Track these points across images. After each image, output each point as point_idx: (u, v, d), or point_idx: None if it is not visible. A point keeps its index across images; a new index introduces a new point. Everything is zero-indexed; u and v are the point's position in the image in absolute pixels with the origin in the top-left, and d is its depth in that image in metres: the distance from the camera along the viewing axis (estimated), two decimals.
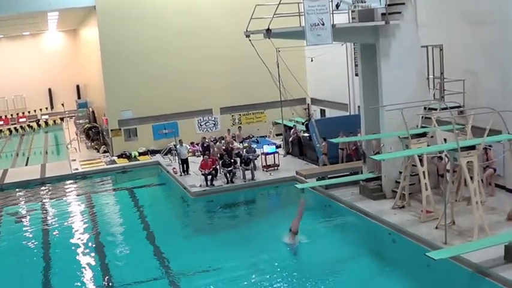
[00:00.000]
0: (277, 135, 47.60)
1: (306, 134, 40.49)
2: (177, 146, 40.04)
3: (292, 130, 42.46)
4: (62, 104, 61.17)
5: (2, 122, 72.43)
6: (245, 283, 22.55)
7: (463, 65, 30.18)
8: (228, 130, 45.98)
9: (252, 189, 35.70)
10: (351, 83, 42.58)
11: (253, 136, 46.64)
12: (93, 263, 26.25)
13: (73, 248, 28.39)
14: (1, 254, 28.58)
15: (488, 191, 27.75)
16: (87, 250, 28.07)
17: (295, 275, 22.99)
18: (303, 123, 44.80)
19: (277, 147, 40.52)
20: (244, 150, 38.32)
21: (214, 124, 49.15)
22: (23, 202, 38.16)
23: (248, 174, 36.28)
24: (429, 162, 27.25)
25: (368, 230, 27.49)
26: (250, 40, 27.71)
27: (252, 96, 48.82)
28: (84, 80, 70.39)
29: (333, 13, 27.39)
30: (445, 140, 27.98)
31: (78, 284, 23.92)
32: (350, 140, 34.02)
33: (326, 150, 36.43)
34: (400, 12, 28.65)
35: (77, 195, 39.04)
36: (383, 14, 28.69)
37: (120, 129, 47.17)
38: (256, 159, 37.85)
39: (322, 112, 47.98)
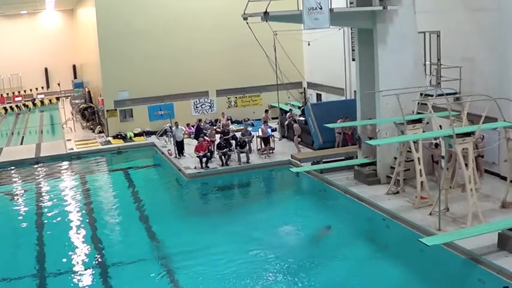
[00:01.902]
0: (273, 118, 47.52)
1: (301, 118, 40.44)
2: (173, 128, 39.91)
3: (288, 114, 42.46)
4: (58, 84, 61.23)
5: None
6: (237, 264, 22.61)
7: (460, 51, 30.16)
8: (223, 113, 45.90)
9: (246, 172, 35.64)
10: (348, 68, 42.57)
11: (248, 119, 46.58)
12: (86, 243, 26.30)
13: (66, 227, 28.40)
14: None
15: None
16: (81, 230, 28.11)
17: (287, 258, 22.95)
18: (299, 107, 44.77)
19: (273, 130, 40.49)
20: (240, 133, 38.29)
21: (210, 106, 49.08)
22: (17, 181, 38.12)
23: (243, 157, 36.26)
24: (424, 149, 27.27)
25: (362, 215, 27.50)
26: (247, 23, 27.61)
27: (249, 79, 48.76)
28: (80, 59, 70.14)
29: None
30: (440, 126, 27.95)
31: (71, 263, 23.97)
32: (345, 126, 33.87)
33: (299, 132, 37.24)
34: None
35: (72, 175, 39.01)
36: None
37: (116, 109, 47.11)
38: (251, 142, 37.88)
39: (318, 96, 47.94)
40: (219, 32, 47.17)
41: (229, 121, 43.99)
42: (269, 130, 38.68)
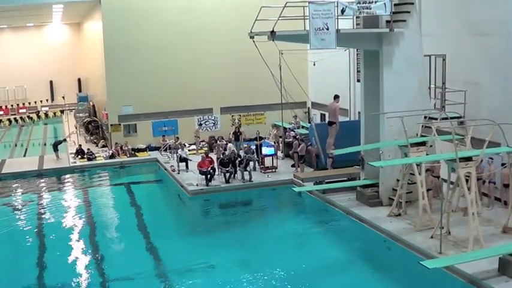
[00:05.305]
0: (280, 137, 47.46)
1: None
2: (178, 150, 40.18)
3: (287, 133, 42.58)
4: (63, 97, 61.14)
5: (2, 112, 72.36)
6: (236, 283, 22.59)
7: (465, 75, 30.21)
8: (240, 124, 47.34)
9: (249, 190, 35.64)
10: (352, 89, 42.60)
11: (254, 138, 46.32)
12: (86, 257, 26.26)
13: (67, 241, 28.36)
14: None
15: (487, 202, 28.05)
16: (81, 244, 28.08)
17: (288, 278, 22.92)
18: (306, 128, 44.65)
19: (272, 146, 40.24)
20: (243, 151, 38.26)
21: (214, 123, 49.18)
22: (19, 193, 38.18)
23: (246, 175, 36.27)
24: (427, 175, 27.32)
25: (363, 236, 27.43)
26: (254, 41, 27.68)
27: (253, 97, 48.84)
28: (85, 73, 70.38)
29: (337, 18, 27.41)
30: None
31: (71, 277, 23.85)
32: (353, 150, 33.56)
33: (303, 152, 37.65)
34: (404, 21, 28.69)
35: (74, 189, 39.12)
36: (387, 22, 28.68)
37: (119, 124, 47.23)
38: (255, 161, 38.00)
39: (322, 116, 47.90)
40: (225, 50, 47.32)
41: (224, 141, 43.36)
42: (272, 149, 38.76)
